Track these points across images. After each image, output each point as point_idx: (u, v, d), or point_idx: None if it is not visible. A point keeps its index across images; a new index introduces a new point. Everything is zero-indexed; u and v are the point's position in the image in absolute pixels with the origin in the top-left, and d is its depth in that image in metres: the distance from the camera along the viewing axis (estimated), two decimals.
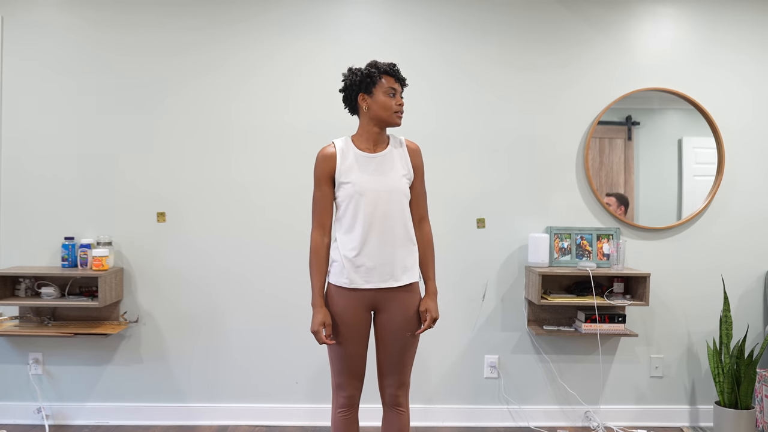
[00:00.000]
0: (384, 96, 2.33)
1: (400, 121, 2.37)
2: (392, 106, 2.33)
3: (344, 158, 2.33)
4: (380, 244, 2.29)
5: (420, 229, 2.44)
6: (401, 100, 2.36)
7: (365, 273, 2.30)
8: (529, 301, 3.48)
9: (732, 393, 3.27)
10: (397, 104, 2.34)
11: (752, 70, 3.53)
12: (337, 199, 2.36)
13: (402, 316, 2.34)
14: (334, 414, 2.40)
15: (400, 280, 2.33)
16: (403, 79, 2.39)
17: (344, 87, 2.37)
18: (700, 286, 3.55)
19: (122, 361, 3.46)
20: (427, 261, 2.44)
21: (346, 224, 2.32)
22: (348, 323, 2.32)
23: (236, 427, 3.44)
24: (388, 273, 2.31)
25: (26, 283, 3.32)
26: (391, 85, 2.33)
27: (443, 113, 3.47)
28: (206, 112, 3.43)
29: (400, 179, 2.35)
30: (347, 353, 2.33)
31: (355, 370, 2.36)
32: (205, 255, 3.45)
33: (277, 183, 3.45)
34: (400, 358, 2.36)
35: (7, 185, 3.42)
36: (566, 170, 3.51)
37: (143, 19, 3.42)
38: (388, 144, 2.40)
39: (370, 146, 2.37)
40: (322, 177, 2.34)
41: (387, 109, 2.33)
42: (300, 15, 3.43)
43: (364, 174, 2.31)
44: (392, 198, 2.31)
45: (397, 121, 2.36)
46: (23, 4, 3.40)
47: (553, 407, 3.53)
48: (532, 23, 3.48)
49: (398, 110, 2.35)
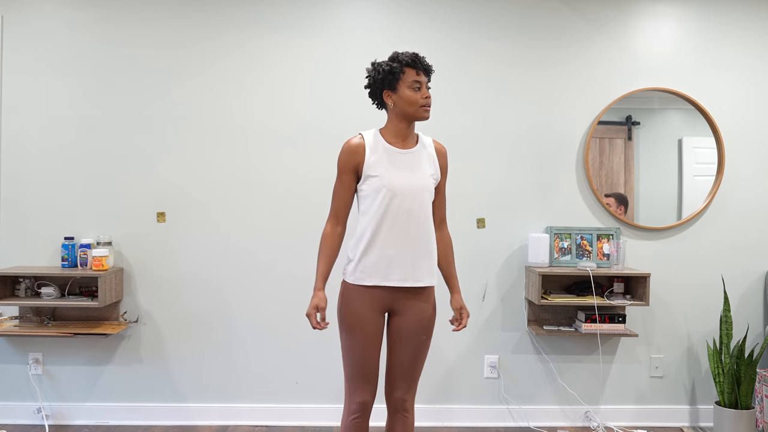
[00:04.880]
0: (409, 90, 2.27)
1: (428, 114, 2.30)
2: (418, 100, 2.27)
3: (373, 151, 2.28)
4: (404, 242, 2.25)
5: (440, 230, 2.43)
6: (427, 92, 2.29)
7: (386, 269, 2.25)
8: (529, 301, 3.48)
9: (732, 393, 3.27)
10: (423, 98, 2.28)
11: (753, 69, 3.53)
12: (361, 193, 2.31)
13: (417, 319, 2.30)
14: (346, 420, 2.32)
15: (420, 281, 2.29)
16: (428, 67, 2.31)
17: (368, 84, 2.33)
18: (700, 286, 3.55)
19: (122, 361, 3.46)
20: (450, 261, 2.44)
21: (370, 219, 2.26)
22: (363, 326, 2.26)
23: (236, 427, 3.44)
24: (409, 273, 2.27)
25: (26, 283, 3.32)
26: (414, 78, 2.26)
27: (442, 113, 3.47)
28: (207, 111, 3.43)
29: (428, 178, 2.31)
30: (362, 356, 2.27)
31: (369, 374, 2.29)
32: (205, 255, 3.45)
33: (278, 182, 3.45)
34: (412, 362, 2.32)
35: (7, 185, 3.42)
36: (566, 170, 3.51)
37: (143, 18, 3.42)
38: (417, 141, 2.36)
39: (399, 141, 2.32)
40: (345, 168, 2.29)
41: (413, 104, 2.27)
42: (304, 11, 3.43)
43: (393, 169, 2.26)
44: (419, 196, 2.27)
45: (425, 115, 2.29)
46: (23, 3, 3.40)
47: (553, 407, 3.53)
48: (531, 22, 3.48)
49: (425, 104, 2.28)
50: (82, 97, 3.42)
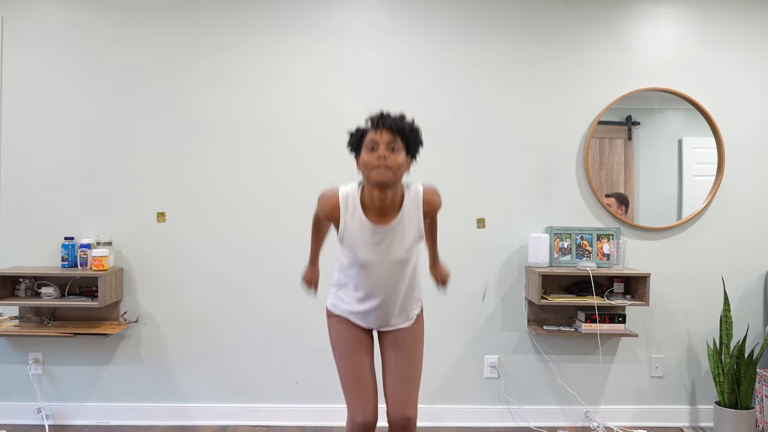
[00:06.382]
0: (365, 152, 2.01)
1: (386, 177, 1.96)
2: (369, 161, 1.98)
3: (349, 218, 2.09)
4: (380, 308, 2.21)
5: None
6: (383, 152, 1.96)
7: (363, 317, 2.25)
8: (529, 301, 3.48)
9: (732, 393, 3.27)
10: (376, 158, 1.96)
11: (753, 69, 3.53)
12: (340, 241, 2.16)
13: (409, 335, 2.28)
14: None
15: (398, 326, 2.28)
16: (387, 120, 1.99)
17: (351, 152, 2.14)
18: (700, 286, 3.55)
19: (122, 361, 3.46)
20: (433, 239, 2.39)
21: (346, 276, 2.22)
22: (348, 339, 2.24)
23: (236, 427, 3.43)
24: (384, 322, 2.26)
25: (26, 283, 3.32)
26: (371, 137, 1.99)
27: (442, 113, 3.47)
28: (207, 113, 3.43)
29: (410, 249, 2.14)
30: (352, 362, 2.21)
31: (365, 382, 2.17)
32: (205, 255, 3.45)
33: (278, 182, 3.45)
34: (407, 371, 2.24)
35: (7, 185, 3.42)
36: (566, 170, 3.51)
37: (143, 18, 3.42)
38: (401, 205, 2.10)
39: (376, 214, 2.09)
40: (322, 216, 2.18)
41: (365, 167, 2.00)
42: (308, 15, 3.43)
43: (368, 247, 2.10)
44: (395, 269, 2.15)
45: (378, 178, 1.96)
46: (23, 3, 3.40)
47: (553, 407, 3.53)
48: (531, 22, 3.48)
49: (376, 165, 1.95)
50: (82, 97, 3.42)
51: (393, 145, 1.99)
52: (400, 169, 2.00)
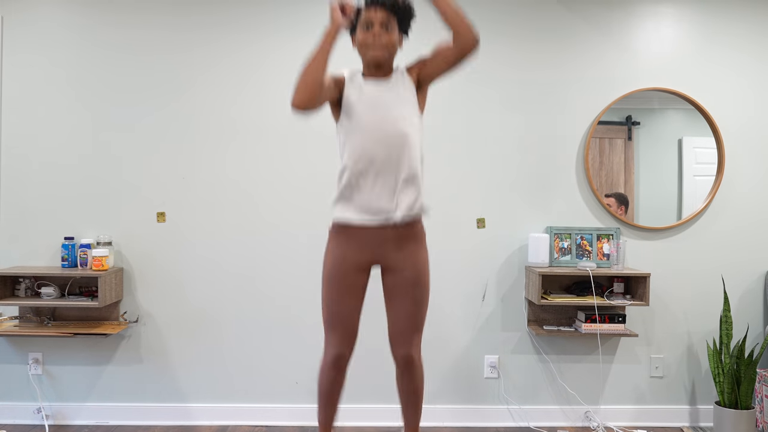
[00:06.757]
0: (360, 31, 2.11)
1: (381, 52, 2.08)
2: (364, 39, 2.09)
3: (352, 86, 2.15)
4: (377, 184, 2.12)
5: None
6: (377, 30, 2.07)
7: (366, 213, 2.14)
8: (529, 301, 3.48)
9: (732, 393, 3.27)
10: (372, 36, 2.08)
11: (753, 69, 3.53)
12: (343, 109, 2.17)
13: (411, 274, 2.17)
14: (321, 370, 2.24)
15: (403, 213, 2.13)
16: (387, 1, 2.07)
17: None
18: (700, 285, 3.55)
19: (122, 361, 3.46)
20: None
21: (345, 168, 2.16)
22: (342, 280, 2.16)
23: (236, 427, 3.44)
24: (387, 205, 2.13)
25: (26, 283, 3.32)
26: (367, 16, 2.09)
27: (442, 113, 3.47)
28: (207, 111, 3.43)
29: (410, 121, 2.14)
30: (337, 309, 2.17)
31: (343, 328, 2.18)
32: (205, 255, 3.45)
33: (278, 182, 3.45)
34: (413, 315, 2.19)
35: (7, 185, 3.42)
36: (566, 170, 3.51)
37: (144, 19, 3.42)
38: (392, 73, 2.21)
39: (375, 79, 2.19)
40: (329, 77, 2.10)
41: (362, 46, 2.11)
42: (314, 17, 3.43)
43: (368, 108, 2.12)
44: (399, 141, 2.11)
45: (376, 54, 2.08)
46: (23, 3, 3.40)
47: (553, 407, 3.53)
48: (531, 22, 3.48)
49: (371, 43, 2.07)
50: (82, 98, 3.42)
51: (387, 23, 2.09)
52: (393, 46, 2.13)
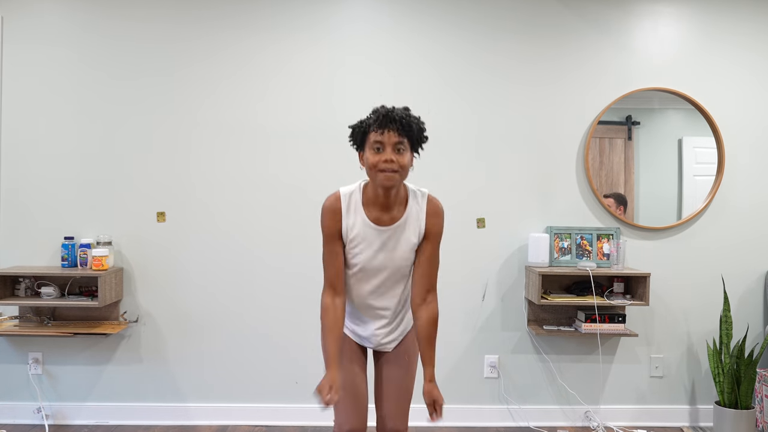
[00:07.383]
0: (369, 152, 1.96)
1: (391, 182, 1.94)
2: (376, 163, 1.93)
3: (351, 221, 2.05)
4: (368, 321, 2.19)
5: (426, 303, 2.09)
6: (389, 155, 1.92)
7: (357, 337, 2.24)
8: (529, 301, 3.48)
9: (732, 393, 3.27)
10: (382, 161, 1.93)
11: (753, 69, 3.53)
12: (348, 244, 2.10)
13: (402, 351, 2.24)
14: None
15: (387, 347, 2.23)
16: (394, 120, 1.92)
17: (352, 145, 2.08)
18: (700, 285, 3.55)
19: (122, 361, 3.46)
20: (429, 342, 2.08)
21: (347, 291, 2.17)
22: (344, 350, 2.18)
23: (236, 427, 3.43)
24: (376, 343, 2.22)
25: (26, 283, 3.32)
26: (375, 138, 1.94)
27: (442, 113, 3.47)
28: (207, 112, 3.43)
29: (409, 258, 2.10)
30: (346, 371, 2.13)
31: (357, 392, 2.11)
32: (205, 255, 3.45)
33: (278, 182, 3.45)
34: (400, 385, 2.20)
35: (7, 185, 3.42)
36: (566, 170, 3.51)
37: (144, 19, 3.41)
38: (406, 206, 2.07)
39: (380, 211, 2.05)
40: (330, 233, 2.05)
41: (370, 168, 1.96)
42: (309, 14, 3.43)
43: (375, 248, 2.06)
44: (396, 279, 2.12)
45: (384, 183, 1.94)
46: (23, 3, 3.40)
47: (553, 407, 3.53)
48: (531, 22, 3.48)
49: (383, 168, 1.92)
50: (82, 97, 3.41)
51: (400, 146, 1.96)
52: (405, 169, 1.99)
